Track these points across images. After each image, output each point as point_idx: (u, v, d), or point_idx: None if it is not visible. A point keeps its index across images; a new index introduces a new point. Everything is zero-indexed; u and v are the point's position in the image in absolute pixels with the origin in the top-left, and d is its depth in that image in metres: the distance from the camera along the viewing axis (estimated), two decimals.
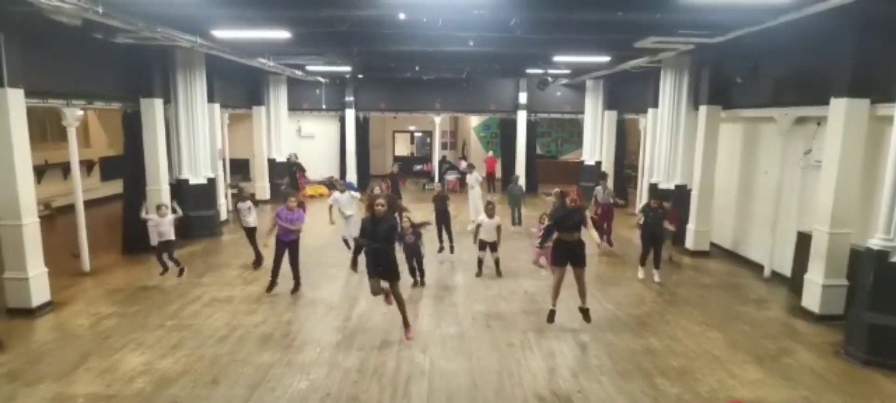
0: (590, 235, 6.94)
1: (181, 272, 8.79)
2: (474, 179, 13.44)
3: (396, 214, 8.51)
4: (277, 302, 8.00)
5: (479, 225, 9.18)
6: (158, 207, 8.83)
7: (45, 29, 7.31)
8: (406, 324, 6.64)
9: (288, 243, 8.20)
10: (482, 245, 9.20)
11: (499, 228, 9.16)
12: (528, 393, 5.50)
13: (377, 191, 10.36)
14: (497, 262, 9.28)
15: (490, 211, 9.13)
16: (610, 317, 7.58)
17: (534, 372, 5.95)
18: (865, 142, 7.18)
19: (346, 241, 9.90)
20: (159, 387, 5.50)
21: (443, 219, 10.40)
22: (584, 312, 6.97)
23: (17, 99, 7.14)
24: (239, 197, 9.91)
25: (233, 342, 6.60)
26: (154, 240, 8.71)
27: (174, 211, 8.97)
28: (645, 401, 5.37)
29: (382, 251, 6.37)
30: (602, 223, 11.00)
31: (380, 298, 6.69)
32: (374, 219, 6.38)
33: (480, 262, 9.37)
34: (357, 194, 10.41)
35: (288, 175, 15.04)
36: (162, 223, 8.61)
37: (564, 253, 6.79)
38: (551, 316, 6.95)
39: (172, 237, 8.72)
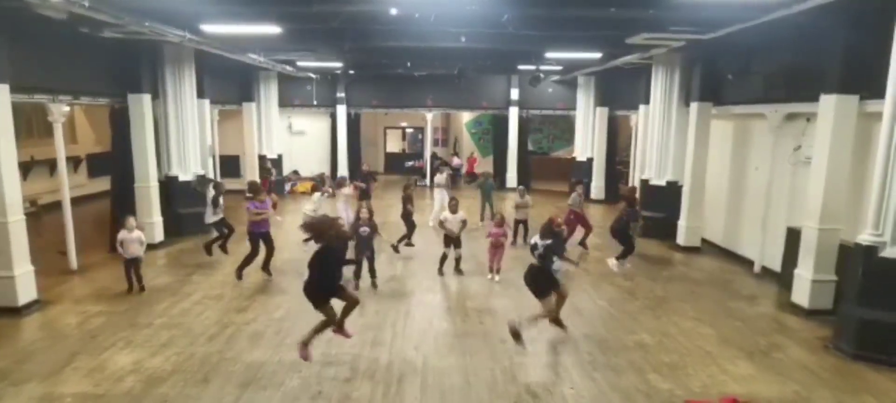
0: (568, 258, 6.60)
1: (141, 289, 8.18)
2: (443, 178, 13.51)
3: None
4: (268, 299, 7.95)
5: (443, 222, 9.26)
6: (125, 220, 8.30)
7: (30, 23, 7.17)
8: (342, 324, 5.81)
9: (261, 234, 8.73)
10: (447, 241, 9.21)
11: (464, 223, 9.24)
12: (521, 390, 5.49)
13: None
14: (458, 259, 9.27)
15: (453, 207, 9.28)
16: (603, 314, 7.60)
17: (527, 369, 5.95)
18: (854, 139, 7.24)
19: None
20: (149, 386, 5.44)
21: (407, 220, 10.38)
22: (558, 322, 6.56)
23: (2, 94, 7.02)
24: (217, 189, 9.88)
25: (223, 340, 6.54)
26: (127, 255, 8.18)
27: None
28: (637, 397, 5.39)
29: (333, 270, 5.63)
30: (574, 228, 10.86)
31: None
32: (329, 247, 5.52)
33: (444, 259, 9.27)
34: (330, 190, 10.68)
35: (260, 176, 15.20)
36: (128, 238, 8.08)
37: (545, 283, 6.34)
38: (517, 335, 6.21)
39: (140, 254, 8.21)
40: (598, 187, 17.61)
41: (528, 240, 8.09)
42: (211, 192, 9.84)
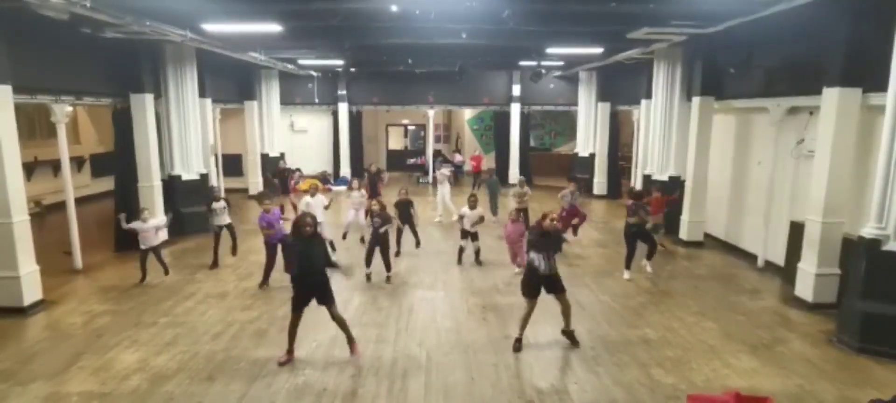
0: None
1: (166, 272, 8.58)
2: (443, 175, 13.50)
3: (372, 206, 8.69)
4: (272, 297, 7.97)
5: (462, 217, 9.57)
6: (141, 211, 8.62)
7: (32, 24, 7.20)
8: (350, 340, 6.02)
9: (275, 244, 8.21)
10: (464, 234, 9.55)
11: (481, 218, 9.60)
12: (525, 386, 5.51)
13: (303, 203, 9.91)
14: (477, 251, 9.57)
15: (472, 203, 9.52)
16: (605, 309, 7.60)
17: (530, 365, 5.96)
18: (857, 132, 7.22)
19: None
20: (154, 385, 5.47)
21: (404, 222, 10.19)
22: (569, 335, 6.36)
23: (4, 95, 7.04)
24: (214, 197, 9.65)
25: (228, 338, 6.57)
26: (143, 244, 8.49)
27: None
28: (641, 392, 5.40)
29: (315, 269, 5.73)
30: (569, 224, 10.69)
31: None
32: (305, 241, 5.64)
33: (461, 251, 9.63)
34: (344, 189, 10.49)
35: (278, 180, 15.47)
36: (144, 228, 8.40)
37: (536, 283, 6.12)
38: (518, 345, 6.25)
39: (155, 243, 8.51)
40: (599, 183, 17.58)
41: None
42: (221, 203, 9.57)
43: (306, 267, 5.72)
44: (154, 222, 8.63)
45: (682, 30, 8.96)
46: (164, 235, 8.58)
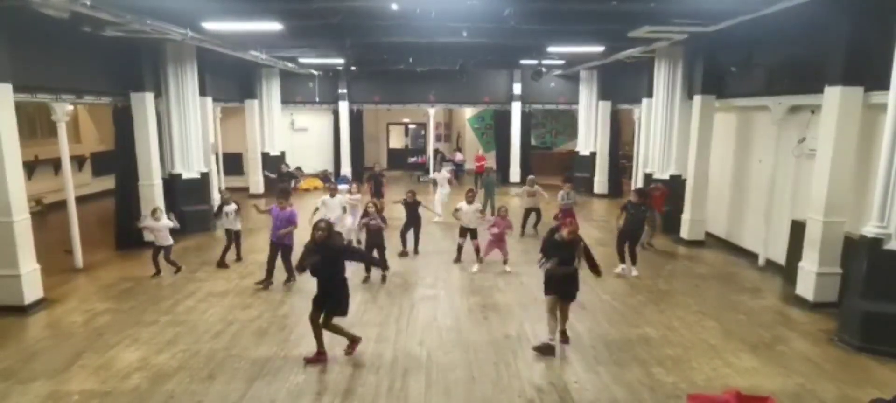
0: (587, 266, 6.20)
1: (177, 270, 8.85)
2: (443, 177, 13.50)
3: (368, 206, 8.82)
4: (272, 296, 7.98)
5: (457, 210, 9.51)
6: (153, 211, 8.88)
7: (32, 22, 7.21)
8: (350, 338, 6.09)
9: (281, 245, 8.32)
10: (462, 232, 9.50)
11: (481, 213, 9.71)
12: (525, 384, 5.50)
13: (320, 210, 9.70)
14: (477, 248, 9.41)
15: (469, 198, 9.47)
16: (606, 308, 7.59)
17: (531, 363, 5.96)
18: (859, 130, 7.20)
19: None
20: (155, 383, 5.47)
21: (412, 223, 10.17)
22: (562, 333, 6.27)
23: (5, 94, 7.04)
24: (224, 201, 9.65)
25: (228, 337, 6.57)
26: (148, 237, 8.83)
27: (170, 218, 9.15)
28: (641, 391, 5.39)
29: (331, 276, 5.82)
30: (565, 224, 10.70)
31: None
32: (317, 245, 5.77)
33: (460, 248, 9.63)
34: (346, 189, 10.55)
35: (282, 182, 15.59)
36: (155, 227, 8.70)
37: (556, 283, 6.07)
38: (549, 350, 6.09)
39: (169, 242, 8.75)
40: (600, 182, 17.56)
41: (539, 230, 8.08)
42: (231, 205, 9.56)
43: (317, 273, 5.82)
44: (166, 222, 8.79)
45: (684, 28, 8.95)
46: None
